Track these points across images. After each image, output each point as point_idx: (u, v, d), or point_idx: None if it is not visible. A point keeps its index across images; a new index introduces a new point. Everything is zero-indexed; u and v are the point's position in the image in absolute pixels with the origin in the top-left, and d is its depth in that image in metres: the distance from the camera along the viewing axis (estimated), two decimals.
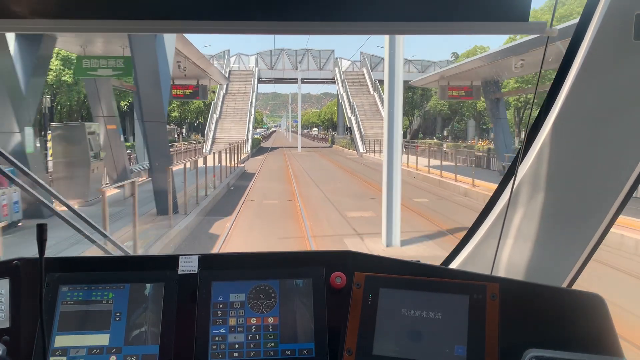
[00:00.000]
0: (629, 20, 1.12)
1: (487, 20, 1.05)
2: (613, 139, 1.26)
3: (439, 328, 1.24)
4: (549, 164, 1.37)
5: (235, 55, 57.36)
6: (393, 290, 1.30)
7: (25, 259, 1.32)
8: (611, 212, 1.31)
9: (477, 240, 1.59)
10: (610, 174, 1.29)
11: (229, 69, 52.60)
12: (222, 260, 1.38)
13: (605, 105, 1.25)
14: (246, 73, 53.36)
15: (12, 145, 9.62)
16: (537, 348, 1.17)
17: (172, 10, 1.03)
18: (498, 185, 1.56)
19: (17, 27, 1.06)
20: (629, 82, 1.19)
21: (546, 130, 1.35)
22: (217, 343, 1.26)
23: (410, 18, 1.05)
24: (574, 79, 1.24)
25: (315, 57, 58.23)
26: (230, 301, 1.30)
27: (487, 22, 1.05)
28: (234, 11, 1.03)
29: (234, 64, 56.37)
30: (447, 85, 22.34)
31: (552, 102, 1.33)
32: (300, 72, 54.57)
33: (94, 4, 1.01)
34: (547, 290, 1.26)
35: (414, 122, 62.53)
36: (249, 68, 55.72)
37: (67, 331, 1.25)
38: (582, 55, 1.22)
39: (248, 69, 55.71)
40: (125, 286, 1.30)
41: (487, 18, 1.04)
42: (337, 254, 1.38)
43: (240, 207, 13.32)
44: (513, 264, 1.50)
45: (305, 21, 1.05)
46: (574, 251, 1.39)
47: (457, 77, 21.75)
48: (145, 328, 1.26)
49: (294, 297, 1.32)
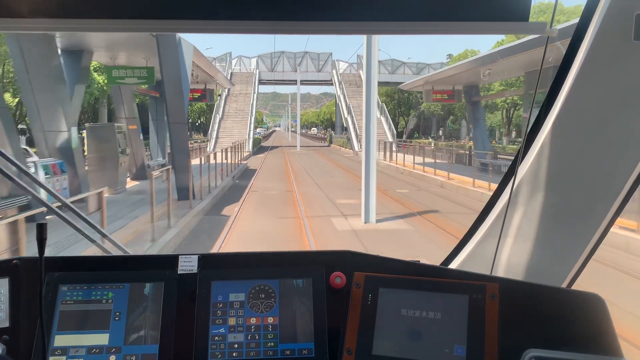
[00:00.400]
0: (629, 20, 1.11)
1: (487, 20, 1.05)
2: (613, 139, 1.26)
3: (439, 328, 1.23)
4: (549, 164, 1.37)
5: (237, 58, 59.50)
6: (393, 290, 1.29)
7: (24, 258, 1.31)
8: (611, 212, 1.31)
9: (476, 240, 1.59)
10: (610, 174, 1.28)
11: (231, 71, 54.86)
12: (222, 259, 1.38)
13: (605, 106, 1.24)
14: (247, 75, 55.46)
15: (61, 142, 11.83)
16: (536, 348, 1.18)
17: (172, 10, 1.03)
18: (498, 185, 1.56)
19: (17, 26, 1.05)
20: (629, 82, 1.19)
21: (546, 130, 1.34)
22: (217, 343, 1.26)
23: (411, 18, 1.05)
24: (574, 79, 1.23)
25: (314, 60, 60.35)
26: (230, 301, 1.30)
27: (488, 22, 1.05)
28: (232, 11, 1.03)
29: (235, 65, 58.70)
30: (432, 89, 24.64)
31: (552, 102, 1.32)
32: (299, 74, 56.79)
33: (92, 3, 1.02)
34: (547, 290, 1.26)
35: (410, 122, 64.66)
36: (250, 70, 57.87)
37: (66, 331, 1.25)
38: (582, 55, 1.21)
39: (249, 70, 57.89)
40: (125, 286, 1.30)
41: (487, 18, 1.05)
42: (337, 253, 1.38)
43: (245, 195, 15.58)
44: (513, 264, 1.50)
45: (304, 21, 1.05)
46: (573, 251, 1.39)
47: (440, 81, 24.05)
48: (145, 328, 1.26)
49: (294, 297, 1.32)
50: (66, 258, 1.36)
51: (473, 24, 1.06)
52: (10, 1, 0.99)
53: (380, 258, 1.37)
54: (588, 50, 1.19)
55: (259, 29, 1.06)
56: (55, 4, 1.01)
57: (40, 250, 1.08)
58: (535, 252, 1.45)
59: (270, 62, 60.33)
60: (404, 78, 50.81)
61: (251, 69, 57.95)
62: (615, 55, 1.17)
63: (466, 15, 1.05)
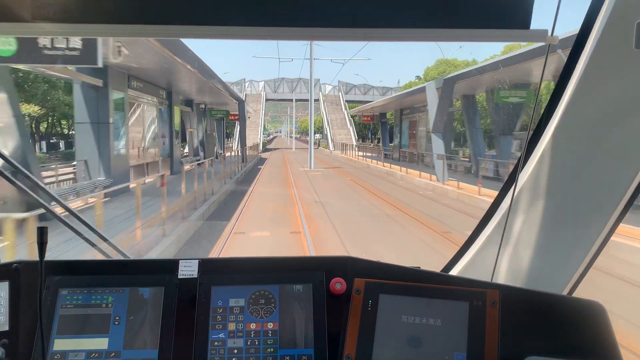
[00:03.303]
0: (630, 28, 1.11)
1: (487, 28, 1.05)
2: (614, 147, 1.26)
3: (439, 335, 1.23)
4: (550, 171, 1.37)
5: (249, 82, 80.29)
6: (393, 297, 1.29)
7: (24, 262, 1.32)
8: (612, 220, 1.30)
9: (477, 247, 1.59)
10: (611, 182, 1.28)
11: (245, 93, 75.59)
12: (222, 264, 1.38)
13: (606, 114, 1.24)
14: (257, 96, 75.40)
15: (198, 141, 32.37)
16: (537, 355, 1.18)
17: (169, 15, 1.04)
18: (499, 192, 1.57)
19: (19, 30, 1.06)
20: (630, 91, 1.19)
21: (547, 137, 1.34)
22: (217, 348, 1.26)
23: (411, 25, 1.05)
24: (575, 86, 1.24)
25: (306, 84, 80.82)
26: (230, 306, 1.31)
27: (488, 30, 1.05)
28: (232, 17, 1.05)
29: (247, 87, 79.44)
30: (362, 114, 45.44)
31: (553, 109, 1.32)
32: (294, 95, 77.47)
33: (94, 8, 1.03)
34: (548, 298, 1.26)
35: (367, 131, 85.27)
36: (259, 91, 78.43)
37: (66, 335, 1.25)
38: (583, 63, 1.21)
39: (258, 91, 78.50)
40: (124, 290, 1.30)
41: (487, 25, 1.05)
42: (337, 259, 1.38)
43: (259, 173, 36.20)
44: (513, 270, 1.50)
45: (303, 27, 1.05)
46: (574, 259, 1.39)
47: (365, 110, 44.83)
48: (145, 332, 1.26)
49: (294, 303, 1.32)
50: (66, 262, 1.35)
51: (473, 31, 1.05)
52: (11, 6, 1.00)
53: (381, 264, 1.37)
54: (589, 59, 1.19)
55: (257, 35, 1.05)
56: (57, 8, 1.01)
57: (41, 253, 1.10)
58: (536, 259, 1.45)
59: (273, 85, 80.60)
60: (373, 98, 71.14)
61: (259, 90, 78.41)
62: (616, 64, 1.17)
63: (466, 23, 1.05)
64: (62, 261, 1.35)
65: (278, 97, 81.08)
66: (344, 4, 1.05)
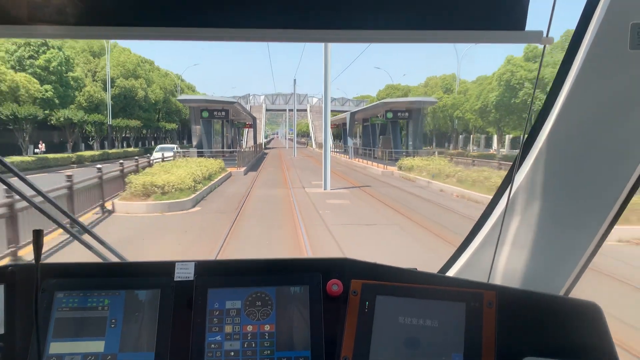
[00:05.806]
0: (624, 30, 1.11)
1: (483, 29, 1.05)
2: (609, 148, 1.25)
3: (436, 336, 1.23)
4: (546, 172, 1.36)
5: (252, 95, 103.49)
6: (390, 298, 1.28)
7: (20, 265, 1.31)
8: (607, 220, 1.30)
9: (474, 248, 1.58)
10: (607, 182, 1.28)
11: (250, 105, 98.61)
12: (219, 267, 1.37)
13: (601, 114, 1.23)
14: (259, 107, 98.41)
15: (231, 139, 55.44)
16: (533, 356, 1.18)
17: (169, 17, 1.03)
18: (495, 192, 1.55)
19: (17, 33, 1.06)
20: (624, 91, 1.19)
21: (542, 138, 1.34)
22: (213, 350, 1.25)
23: (407, 26, 1.05)
24: (570, 87, 1.24)
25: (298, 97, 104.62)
26: (227, 308, 1.30)
27: (484, 31, 1.05)
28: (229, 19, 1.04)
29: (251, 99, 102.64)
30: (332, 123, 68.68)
31: (549, 110, 1.32)
32: (287, 106, 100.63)
33: (91, 11, 1.02)
34: (544, 298, 1.27)
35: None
36: (260, 103, 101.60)
37: (62, 338, 1.24)
38: (578, 64, 1.21)
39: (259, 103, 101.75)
40: (121, 293, 1.29)
41: (483, 27, 1.05)
42: (334, 261, 1.37)
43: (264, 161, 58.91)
44: (510, 271, 1.49)
45: (304, 29, 1.06)
46: (571, 259, 1.38)
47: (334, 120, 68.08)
48: (141, 335, 1.25)
49: (291, 305, 1.31)
50: (62, 265, 1.34)
51: (469, 33, 1.05)
52: (10, 8, 0.99)
53: (378, 266, 1.36)
54: (584, 59, 1.18)
55: (257, 37, 1.05)
56: (52, 10, 1.00)
57: (37, 256, 1.09)
58: (533, 260, 1.44)
59: (272, 99, 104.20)
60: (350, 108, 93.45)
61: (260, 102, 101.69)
62: (611, 65, 1.17)
63: (463, 24, 1.05)
64: (58, 264, 1.35)
65: (275, 108, 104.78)
66: (342, 7, 1.06)
